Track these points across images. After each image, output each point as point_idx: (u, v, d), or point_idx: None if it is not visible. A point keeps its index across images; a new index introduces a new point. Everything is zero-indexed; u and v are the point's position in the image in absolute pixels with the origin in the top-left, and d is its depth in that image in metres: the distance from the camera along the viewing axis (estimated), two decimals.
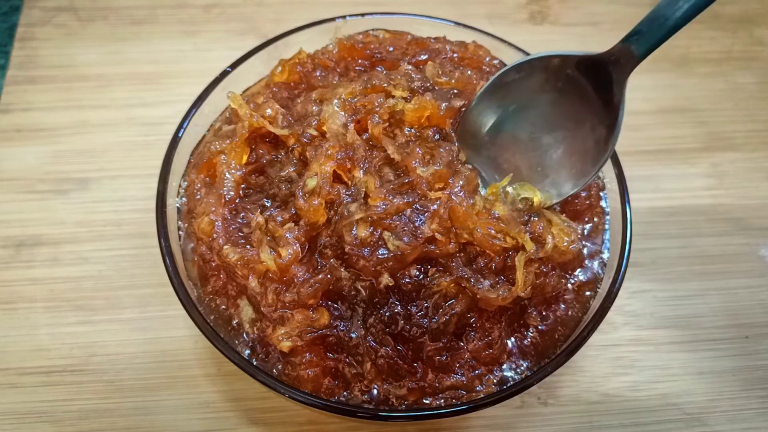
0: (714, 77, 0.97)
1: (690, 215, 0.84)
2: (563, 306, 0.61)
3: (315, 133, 0.59)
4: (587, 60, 0.56)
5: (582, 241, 0.62)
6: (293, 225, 0.56)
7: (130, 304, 0.74)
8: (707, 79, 0.97)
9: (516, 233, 0.56)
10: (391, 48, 0.69)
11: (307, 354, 0.55)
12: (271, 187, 0.60)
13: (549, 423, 0.70)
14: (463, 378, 0.56)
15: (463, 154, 0.61)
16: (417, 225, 0.55)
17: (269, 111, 0.62)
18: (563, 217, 0.59)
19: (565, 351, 0.57)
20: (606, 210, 0.67)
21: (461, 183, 0.57)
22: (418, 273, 0.56)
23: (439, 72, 0.65)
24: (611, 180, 0.66)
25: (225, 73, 0.68)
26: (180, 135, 0.64)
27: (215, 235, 0.58)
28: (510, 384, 0.57)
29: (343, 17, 0.73)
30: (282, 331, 0.55)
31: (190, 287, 0.59)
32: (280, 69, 0.68)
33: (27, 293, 0.74)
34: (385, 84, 0.62)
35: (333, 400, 0.55)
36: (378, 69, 0.68)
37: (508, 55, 0.73)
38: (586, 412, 0.70)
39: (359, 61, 0.69)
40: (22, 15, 0.96)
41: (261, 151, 0.62)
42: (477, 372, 0.57)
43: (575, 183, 0.59)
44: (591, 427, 0.70)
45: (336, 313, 0.56)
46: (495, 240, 0.55)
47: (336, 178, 0.58)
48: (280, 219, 0.57)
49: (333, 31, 0.73)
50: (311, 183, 0.56)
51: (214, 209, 0.59)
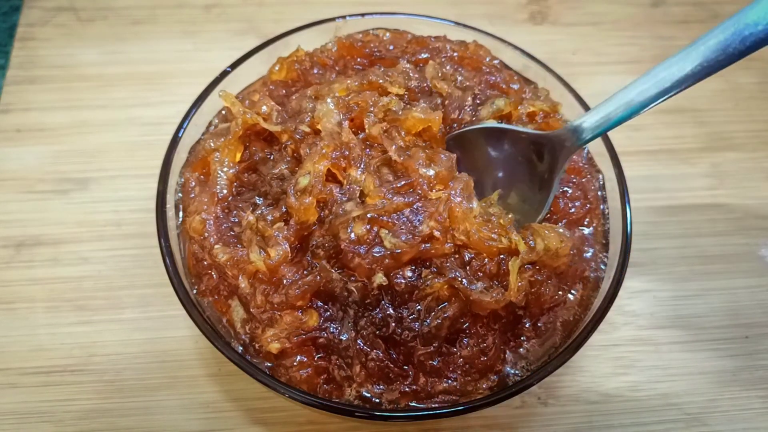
0: (714, 77, 0.95)
1: (690, 215, 0.84)
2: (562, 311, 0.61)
3: (308, 130, 0.59)
4: (533, 137, 0.60)
5: (574, 249, 0.61)
6: (283, 224, 0.56)
7: (130, 304, 0.74)
8: (708, 79, 0.96)
9: (510, 234, 0.56)
10: (391, 47, 0.69)
11: (298, 356, 0.55)
12: (263, 185, 0.60)
13: (549, 423, 0.70)
14: (456, 383, 0.56)
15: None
16: (415, 224, 0.55)
17: (264, 108, 0.62)
18: (552, 226, 0.59)
19: (565, 351, 0.57)
20: (606, 210, 0.67)
21: (461, 187, 0.57)
22: (412, 274, 0.55)
23: (440, 74, 0.65)
24: (611, 180, 0.66)
25: (225, 73, 0.68)
26: (180, 135, 0.64)
27: (206, 234, 0.58)
28: (510, 384, 0.57)
29: (343, 17, 0.73)
30: (270, 333, 0.54)
31: (190, 287, 0.59)
32: (278, 67, 0.68)
33: (27, 293, 0.74)
34: (381, 80, 0.62)
35: (333, 400, 0.55)
36: (377, 67, 0.68)
37: (508, 55, 0.73)
38: (586, 412, 0.70)
39: (358, 60, 0.69)
40: (22, 15, 0.96)
41: (255, 149, 0.62)
42: (469, 378, 0.56)
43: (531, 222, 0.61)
44: (591, 427, 0.70)
45: (326, 315, 0.56)
46: (490, 242, 0.55)
47: (330, 177, 0.57)
48: (270, 218, 0.57)
49: (333, 31, 0.73)
50: (303, 181, 0.56)
51: (206, 207, 0.59)
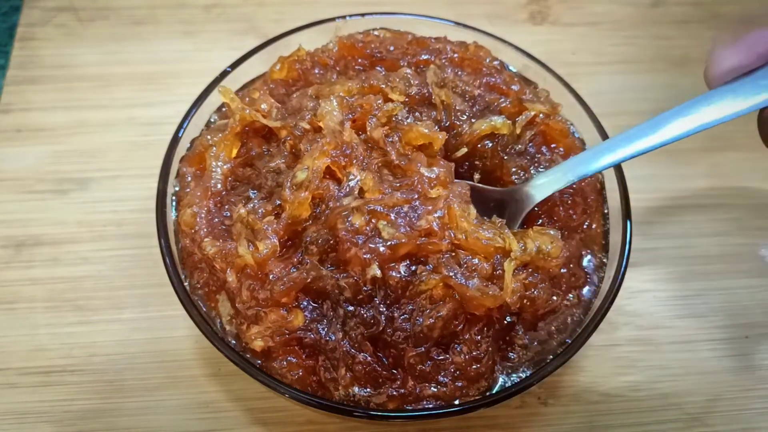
0: None
1: (690, 215, 0.84)
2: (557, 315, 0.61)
3: (308, 127, 0.59)
4: (491, 192, 0.63)
5: (567, 251, 0.61)
6: (273, 218, 0.56)
7: (130, 304, 0.74)
8: None
9: (504, 234, 0.56)
10: (392, 47, 0.69)
11: (288, 358, 0.55)
12: (258, 179, 0.60)
13: (549, 423, 0.70)
14: (446, 389, 0.55)
15: None
16: (413, 219, 0.55)
17: (264, 105, 0.62)
18: (543, 228, 0.60)
19: (565, 351, 0.57)
20: (606, 210, 0.67)
21: (459, 190, 0.58)
22: (406, 270, 0.55)
23: (441, 80, 0.65)
24: (611, 180, 0.66)
25: (225, 73, 0.68)
26: (180, 135, 0.64)
27: (197, 228, 0.58)
28: (510, 383, 0.57)
29: (344, 17, 0.73)
30: (255, 330, 0.54)
31: (190, 287, 0.59)
32: (279, 66, 0.68)
33: (27, 293, 0.74)
34: (383, 85, 0.62)
35: (333, 399, 0.55)
36: (377, 69, 0.68)
37: (508, 56, 0.73)
38: (586, 412, 0.70)
39: (359, 60, 0.69)
40: (22, 15, 0.96)
41: (252, 145, 0.62)
42: (460, 384, 0.55)
43: None
44: (591, 427, 0.70)
45: (314, 314, 0.55)
46: (487, 241, 0.56)
47: (330, 175, 0.57)
48: (261, 211, 0.56)
49: (333, 31, 0.73)
50: (301, 175, 0.55)
51: (198, 201, 0.59)
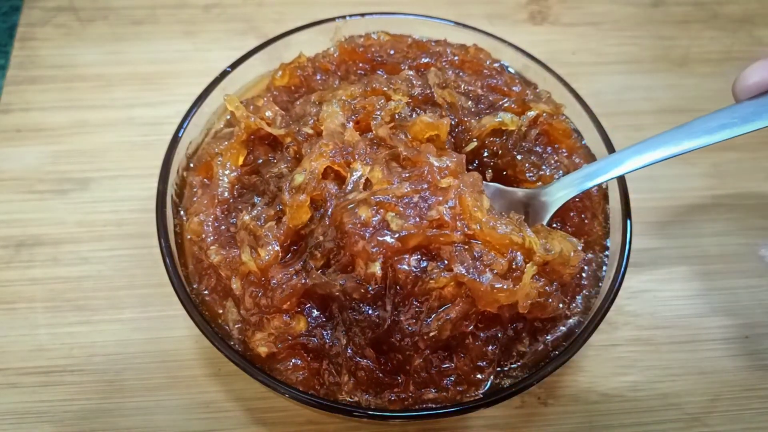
0: (714, 77, 0.97)
1: (690, 215, 0.84)
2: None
3: (311, 132, 0.59)
4: (509, 193, 0.62)
5: (585, 254, 0.62)
6: (274, 224, 0.56)
7: (130, 304, 0.74)
8: (707, 79, 0.96)
9: (524, 231, 0.54)
10: (392, 51, 0.69)
11: (292, 360, 0.55)
12: (263, 185, 0.60)
13: (549, 423, 0.70)
14: (446, 393, 0.55)
15: None
16: (423, 209, 0.53)
17: (269, 113, 0.62)
18: (564, 233, 0.59)
19: (566, 351, 0.57)
20: (606, 210, 0.67)
21: (471, 180, 0.56)
22: (416, 265, 0.53)
23: (442, 81, 0.65)
24: (611, 180, 0.66)
25: (225, 73, 0.68)
26: (180, 135, 0.64)
27: (204, 236, 0.58)
28: (510, 383, 0.57)
29: (343, 17, 0.73)
30: (259, 336, 0.54)
31: (189, 287, 0.59)
32: (280, 73, 0.68)
33: (27, 293, 0.74)
34: (385, 87, 0.62)
35: (332, 399, 0.55)
36: (379, 72, 0.68)
37: (508, 56, 0.73)
38: (586, 412, 0.70)
39: (360, 65, 0.69)
40: (22, 15, 0.96)
41: (258, 153, 0.62)
42: (461, 388, 0.56)
43: None
44: (591, 427, 0.70)
45: (318, 320, 0.55)
46: (504, 231, 0.53)
47: (336, 176, 0.57)
48: (264, 217, 0.57)
49: (333, 31, 0.73)
50: (299, 178, 0.55)
51: (205, 209, 0.59)
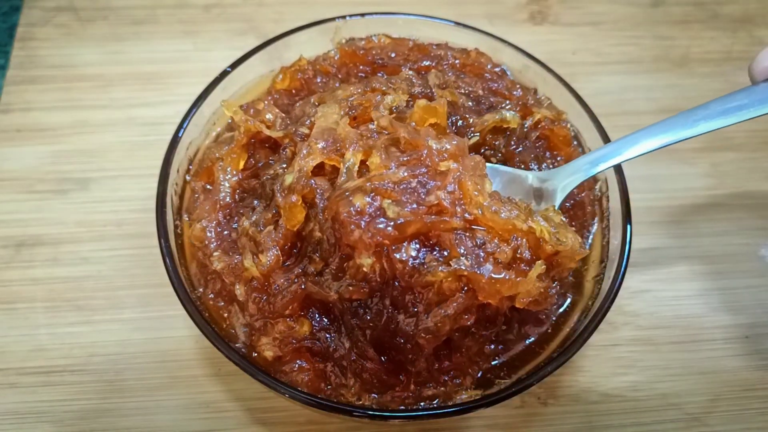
0: (714, 77, 0.97)
1: (690, 215, 0.84)
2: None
3: (307, 132, 0.59)
4: (518, 176, 0.62)
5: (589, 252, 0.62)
6: (272, 228, 0.56)
7: (130, 304, 0.74)
8: (707, 79, 0.97)
9: (532, 217, 0.52)
10: (393, 54, 0.69)
11: (297, 362, 0.55)
12: (262, 188, 0.60)
13: (549, 423, 0.70)
14: (445, 388, 0.55)
15: None
16: (421, 194, 0.52)
17: (269, 116, 0.62)
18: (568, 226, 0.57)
19: (566, 351, 0.57)
20: (606, 211, 0.67)
21: (473, 164, 0.54)
22: (415, 255, 0.51)
23: (443, 82, 0.65)
24: (611, 180, 0.66)
25: (225, 73, 0.68)
26: (180, 135, 0.64)
27: (207, 242, 0.58)
28: (510, 384, 0.57)
29: (343, 17, 0.73)
30: (264, 341, 0.54)
31: (190, 287, 0.59)
32: (281, 76, 0.68)
33: (27, 293, 0.74)
34: (385, 87, 0.62)
35: (332, 399, 0.55)
36: (379, 75, 0.68)
37: (508, 56, 0.73)
38: (586, 412, 0.70)
39: (360, 67, 0.69)
40: (22, 15, 0.96)
41: (259, 156, 0.62)
42: (458, 381, 0.56)
43: None
44: (591, 427, 0.70)
45: (322, 324, 0.55)
46: (505, 215, 0.51)
47: (334, 171, 0.57)
48: (263, 221, 0.57)
49: (333, 31, 0.73)
50: (289, 179, 0.55)
51: (207, 215, 0.59)
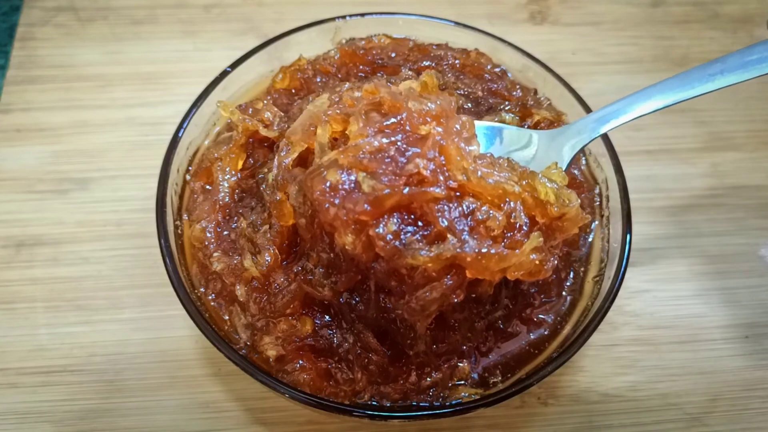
0: None
1: (690, 215, 0.84)
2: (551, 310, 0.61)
3: None
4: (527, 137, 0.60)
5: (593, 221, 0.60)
6: (268, 228, 0.56)
7: (130, 304, 0.74)
8: None
9: (530, 178, 0.48)
10: (393, 54, 0.69)
11: (299, 361, 0.55)
12: (258, 188, 0.60)
13: (549, 423, 0.70)
14: (440, 374, 0.56)
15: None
16: (400, 164, 0.47)
17: (268, 114, 0.62)
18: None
19: (566, 351, 0.57)
20: (606, 211, 0.67)
21: (457, 126, 0.50)
22: (397, 229, 0.47)
23: (442, 83, 0.65)
24: (611, 179, 0.66)
25: (225, 73, 0.68)
26: (180, 135, 0.64)
27: (206, 243, 0.58)
28: (510, 384, 0.57)
29: (343, 17, 0.73)
30: (267, 340, 0.55)
31: (190, 287, 0.59)
32: (281, 76, 0.68)
33: (27, 293, 0.74)
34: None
35: (332, 399, 0.55)
36: (379, 75, 0.68)
37: (508, 56, 0.73)
38: (586, 412, 0.70)
39: (360, 67, 0.69)
40: (22, 15, 0.96)
41: (258, 156, 0.63)
42: (459, 364, 0.56)
43: None
44: (591, 427, 0.70)
45: (324, 321, 0.56)
46: (498, 181, 0.47)
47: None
48: (260, 222, 0.57)
49: (333, 31, 0.73)
50: (270, 177, 0.55)
51: (207, 216, 0.59)
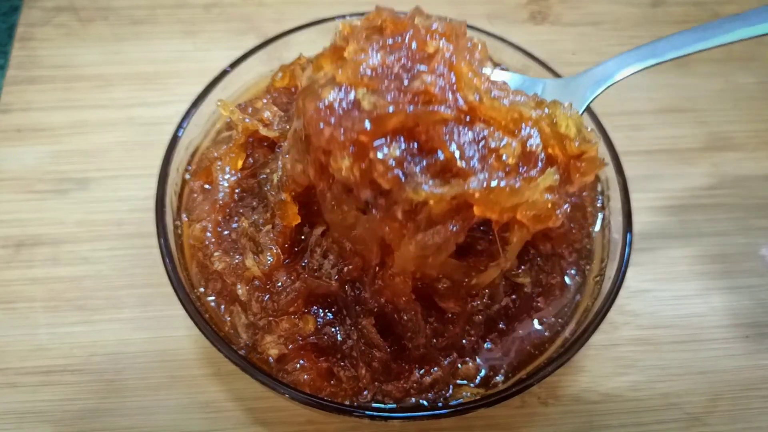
0: (714, 77, 0.97)
1: (690, 215, 0.84)
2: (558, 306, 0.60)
3: None
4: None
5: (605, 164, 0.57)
6: (270, 228, 0.56)
7: (130, 303, 0.74)
8: (708, 79, 0.96)
9: (551, 107, 0.43)
10: None
11: (301, 361, 0.55)
12: (260, 188, 0.60)
13: (549, 423, 0.70)
14: (440, 372, 0.56)
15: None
16: (405, 81, 0.42)
17: (267, 114, 0.62)
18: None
19: (566, 351, 0.57)
20: (606, 211, 0.67)
21: (469, 44, 0.46)
22: (400, 154, 0.41)
23: None
24: (612, 180, 0.66)
25: (225, 73, 0.68)
26: (180, 135, 0.64)
27: (207, 242, 0.58)
28: (510, 384, 0.57)
29: (343, 17, 0.73)
30: (269, 339, 0.54)
31: (189, 287, 0.59)
32: (280, 75, 0.68)
33: (27, 293, 0.74)
34: None
35: (331, 399, 0.55)
36: None
37: (508, 55, 0.73)
38: (586, 411, 0.70)
39: None
40: (21, 15, 0.96)
41: (258, 155, 0.62)
42: (452, 358, 0.56)
43: None
44: (591, 427, 0.70)
45: (327, 319, 0.55)
46: (509, 101, 0.42)
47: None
48: (261, 221, 0.57)
49: (333, 31, 0.73)
50: (275, 178, 0.55)
51: (207, 216, 0.59)
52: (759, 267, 0.81)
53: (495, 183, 0.41)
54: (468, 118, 0.42)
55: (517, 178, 0.41)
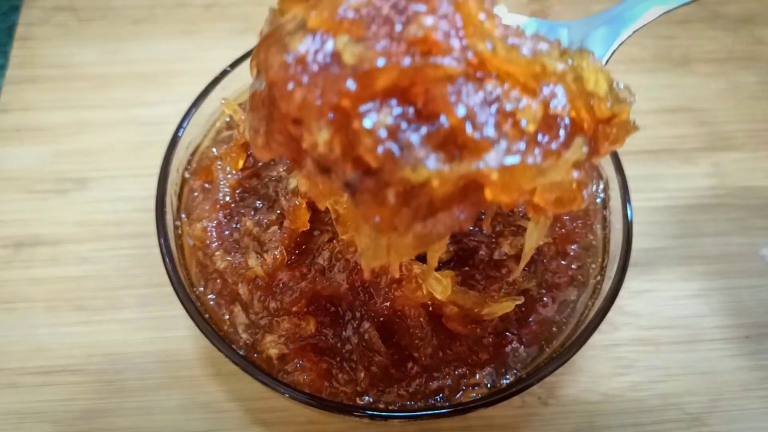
0: (715, 77, 0.96)
1: (691, 215, 0.84)
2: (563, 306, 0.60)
3: None
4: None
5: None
6: (276, 228, 0.56)
7: (130, 304, 0.74)
8: (708, 79, 0.96)
9: (586, 58, 0.35)
10: None
11: (300, 361, 0.55)
12: (263, 189, 0.60)
13: (549, 423, 0.70)
14: (449, 380, 0.55)
15: None
16: (398, 26, 0.32)
17: None
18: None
19: (566, 351, 0.57)
20: (607, 211, 0.67)
21: None
22: (393, 122, 0.31)
23: None
24: (612, 180, 0.66)
25: (225, 73, 0.68)
26: (180, 135, 0.64)
27: (208, 241, 0.58)
28: (510, 383, 0.57)
29: None
30: (269, 339, 0.54)
31: (189, 287, 0.59)
32: None
33: (27, 293, 0.74)
34: None
35: (332, 399, 0.55)
36: None
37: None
38: (586, 412, 0.70)
39: None
40: (21, 15, 0.96)
41: None
42: (459, 371, 0.56)
43: None
44: (591, 427, 0.70)
45: (328, 320, 0.56)
46: (530, 52, 0.33)
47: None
48: (266, 222, 0.57)
49: None
50: (293, 183, 0.55)
51: (207, 215, 0.59)
52: (759, 267, 0.80)
53: (517, 159, 0.32)
54: (479, 74, 0.33)
55: (538, 150, 0.33)
